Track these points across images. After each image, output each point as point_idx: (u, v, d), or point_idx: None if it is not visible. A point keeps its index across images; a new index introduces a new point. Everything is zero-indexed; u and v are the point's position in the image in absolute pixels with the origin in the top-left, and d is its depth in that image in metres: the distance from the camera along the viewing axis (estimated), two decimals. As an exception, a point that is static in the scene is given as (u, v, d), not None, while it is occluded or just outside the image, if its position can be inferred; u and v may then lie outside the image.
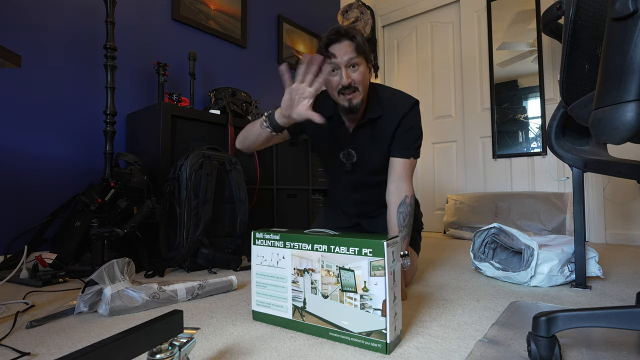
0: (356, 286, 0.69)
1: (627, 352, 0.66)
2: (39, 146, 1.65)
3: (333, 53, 1.05)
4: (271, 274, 0.82)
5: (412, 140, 1.17)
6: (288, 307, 0.79)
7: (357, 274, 0.69)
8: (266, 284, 0.82)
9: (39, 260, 1.31)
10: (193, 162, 1.56)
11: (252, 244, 0.85)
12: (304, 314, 0.76)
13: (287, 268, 0.79)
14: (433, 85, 3.16)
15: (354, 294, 0.69)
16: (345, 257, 0.71)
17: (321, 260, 0.74)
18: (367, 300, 0.68)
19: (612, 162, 0.64)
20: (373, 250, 0.67)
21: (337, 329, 0.71)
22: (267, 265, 0.82)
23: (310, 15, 3.24)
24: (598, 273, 1.18)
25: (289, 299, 0.78)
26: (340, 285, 0.71)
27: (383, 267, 0.67)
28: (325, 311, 0.73)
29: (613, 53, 0.44)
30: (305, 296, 0.76)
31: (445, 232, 2.74)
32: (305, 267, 0.76)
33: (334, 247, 0.72)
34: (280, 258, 0.80)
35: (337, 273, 0.72)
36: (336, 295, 0.72)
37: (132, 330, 0.45)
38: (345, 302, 0.70)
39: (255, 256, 0.85)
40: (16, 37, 1.61)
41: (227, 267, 1.51)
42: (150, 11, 2.09)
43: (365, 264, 0.68)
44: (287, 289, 0.79)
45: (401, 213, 1.11)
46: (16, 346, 0.73)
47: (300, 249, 0.77)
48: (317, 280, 0.74)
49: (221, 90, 2.11)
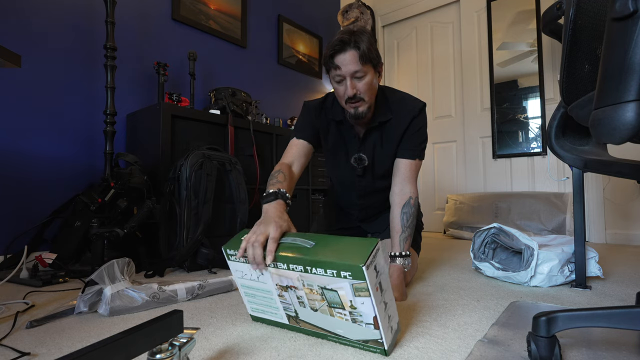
0: (343, 304, 0.66)
1: (627, 352, 0.66)
2: (39, 146, 1.65)
3: (338, 65, 1.03)
4: (256, 287, 0.78)
5: (419, 142, 1.17)
6: (282, 315, 0.78)
7: (341, 294, 0.65)
8: (254, 294, 0.80)
9: (39, 260, 1.31)
10: (193, 162, 1.56)
11: (227, 259, 0.80)
12: (299, 321, 0.75)
13: (268, 283, 0.75)
14: (433, 85, 3.16)
15: (342, 310, 0.66)
16: (325, 278, 0.65)
17: (300, 279, 0.69)
18: (357, 316, 0.65)
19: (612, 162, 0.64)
20: (352, 274, 0.62)
21: (334, 335, 0.71)
22: (248, 279, 0.79)
23: (310, 15, 3.24)
24: (598, 273, 1.18)
25: (280, 308, 0.77)
26: (327, 302, 0.68)
27: (366, 288, 0.62)
28: (318, 321, 0.72)
29: (613, 53, 0.44)
30: (295, 308, 0.74)
31: (445, 232, 2.74)
32: (287, 284, 0.72)
33: (310, 268, 0.66)
34: (259, 274, 0.76)
35: (320, 292, 0.67)
36: (325, 309, 0.69)
37: (132, 330, 0.45)
38: (335, 316, 0.68)
39: (234, 271, 0.80)
40: (16, 37, 1.61)
41: (227, 267, 1.51)
42: (150, 11, 2.09)
43: (347, 285, 0.63)
44: (276, 300, 0.76)
45: (405, 214, 1.11)
46: (16, 346, 0.73)
47: (277, 268, 0.71)
48: (302, 296, 0.71)
49: (221, 90, 2.11)
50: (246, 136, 2.16)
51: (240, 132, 2.13)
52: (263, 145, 2.28)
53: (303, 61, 3.12)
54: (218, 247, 1.55)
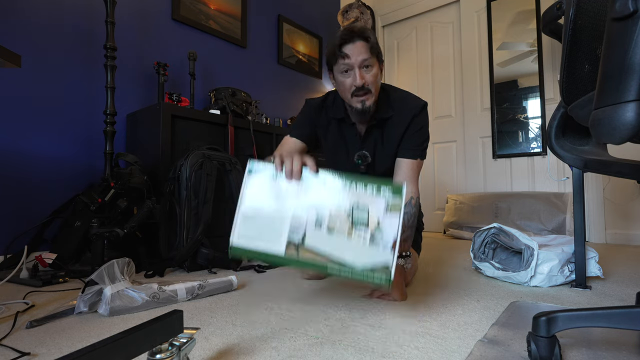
0: (369, 222, 0.70)
1: (627, 352, 0.66)
2: (39, 146, 1.65)
3: (347, 53, 1.03)
4: (266, 207, 0.77)
5: (420, 142, 1.17)
6: (282, 242, 0.74)
7: (371, 212, 0.70)
8: (257, 216, 0.77)
9: (39, 260, 1.31)
10: (193, 162, 1.56)
11: (247, 174, 0.79)
12: (300, 249, 0.73)
13: (289, 201, 0.75)
14: (433, 85, 3.16)
15: (364, 229, 0.70)
16: (361, 194, 0.72)
17: (333, 195, 0.74)
18: (377, 237, 0.69)
19: (612, 162, 0.64)
20: (392, 189, 0.71)
21: (337, 264, 0.71)
22: (262, 197, 0.77)
23: (310, 15, 3.24)
24: (598, 273, 1.18)
25: (284, 233, 0.74)
26: (351, 220, 0.71)
27: (399, 205, 0.70)
28: (327, 246, 0.72)
29: (613, 53, 0.44)
30: (306, 230, 0.73)
31: (445, 232, 2.74)
32: (312, 201, 0.75)
33: (350, 183, 0.73)
34: (282, 191, 0.77)
35: (349, 209, 0.72)
36: (344, 229, 0.71)
37: (132, 330, 0.45)
38: (353, 236, 0.71)
39: (248, 187, 0.79)
40: (16, 37, 1.61)
41: (227, 267, 1.51)
42: (150, 11, 2.09)
43: (381, 202, 0.70)
44: (285, 222, 0.75)
45: (406, 214, 1.11)
46: (16, 346, 0.73)
47: (309, 184, 0.76)
48: (324, 214, 0.73)
49: (221, 90, 2.11)
50: (246, 136, 2.16)
51: (240, 132, 2.13)
52: (263, 145, 2.28)
53: (303, 61, 3.12)
54: (218, 247, 1.55)
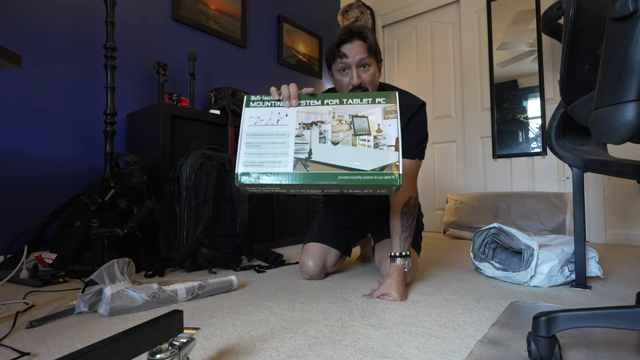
0: (370, 129, 0.76)
1: (627, 352, 0.66)
2: (39, 146, 1.65)
3: (344, 53, 1.04)
4: (268, 133, 0.81)
5: (419, 142, 1.17)
6: (288, 161, 0.78)
7: (370, 119, 0.78)
8: (260, 143, 0.81)
9: (39, 260, 1.31)
10: (193, 162, 1.56)
11: (245, 107, 0.85)
12: (308, 164, 0.77)
13: (290, 124, 0.81)
14: (433, 85, 3.16)
15: (367, 136, 0.77)
16: (359, 106, 0.79)
17: (332, 112, 0.80)
18: (380, 140, 0.75)
19: (612, 162, 0.64)
20: (386, 99, 0.79)
21: (347, 171, 0.75)
22: (263, 125, 0.82)
23: (310, 15, 3.24)
24: (598, 273, 1.18)
25: (290, 153, 0.79)
26: (353, 130, 0.78)
27: (395, 110, 0.78)
28: (334, 157, 0.77)
29: (613, 53, 0.44)
30: (311, 147, 0.78)
31: (445, 232, 2.74)
32: (313, 120, 0.80)
33: (346, 100, 0.80)
34: (282, 116, 0.82)
35: (349, 121, 0.79)
36: (348, 140, 0.78)
37: (132, 330, 0.45)
38: (358, 144, 0.76)
39: (248, 117, 0.84)
40: (16, 37, 1.61)
41: (227, 267, 1.51)
42: (150, 11, 2.09)
43: (378, 110, 0.78)
44: (289, 143, 0.80)
45: (405, 214, 1.11)
46: (16, 346, 0.73)
47: (308, 106, 0.82)
48: (326, 130, 0.79)
49: (221, 90, 2.11)
50: (246, 136, 2.16)
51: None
52: (263, 145, 2.28)
53: (303, 61, 3.12)
54: (218, 247, 1.55)
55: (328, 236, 1.33)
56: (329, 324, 0.83)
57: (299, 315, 0.89)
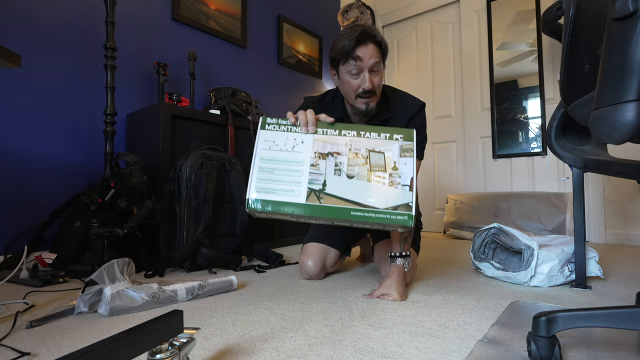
0: (386, 166, 0.76)
1: (627, 352, 0.66)
2: (39, 146, 1.65)
3: (359, 56, 1.02)
4: (282, 159, 0.80)
5: (418, 142, 1.17)
6: (302, 191, 0.77)
7: (387, 156, 0.77)
8: (274, 168, 0.79)
9: (39, 260, 1.31)
10: (193, 162, 1.56)
11: (260, 129, 0.83)
12: (322, 196, 0.76)
13: (305, 152, 0.80)
14: (433, 85, 3.16)
15: (383, 173, 0.76)
16: (376, 141, 0.79)
17: (349, 144, 0.79)
18: (395, 178, 0.75)
19: (612, 162, 0.64)
20: (404, 136, 0.79)
21: (360, 207, 0.75)
22: (277, 150, 0.81)
23: (310, 15, 3.23)
24: (598, 273, 1.18)
25: (304, 182, 0.78)
26: (369, 166, 0.77)
27: (412, 149, 0.78)
28: (348, 191, 0.76)
29: (613, 53, 0.44)
30: (325, 178, 0.78)
31: (445, 232, 2.74)
32: (329, 150, 0.79)
33: (364, 133, 0.80)
34: (298, 143, 0.81)
35: (366, 155, 0.78)
36: (364, 175, 0.77)
37: (132, 330, 0.45)
38: (373, 180, 0.76)
39: (262, 141, 0.82)
40: (16, 37, 1.61)
41: (227, 267, 1.51)
42: (150, 11, 2.09)
43: (396, 147, 0.78)
44: (304, 172, 0.79)
45: None
46: (16, 346, 0.73)
47: (325, 135, 0.81)
48: (342, 162, 0.78)
49: (221, 90, 2.11)
50: (246, 136, 2.16)
51: (240, 132, 2.13)
52: (263, 145, 2.28)
53: (303, 61, 3.12)
54: (218, 247, 1.55)
55: (327, 236, 1.33)
56: (329, 324, 0.83)
57: (299, 315, 0.89)
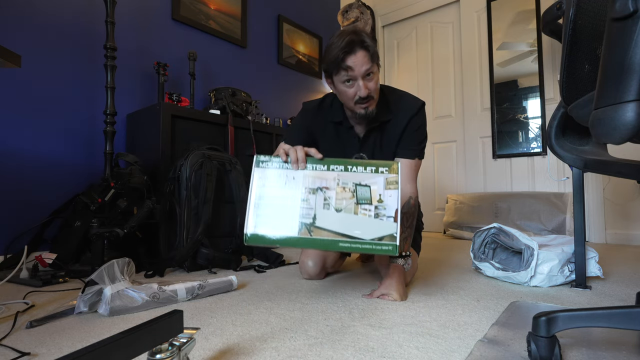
0: (371, 199, 0.82)
1: (627, 352, 0.66)
2: (39, 146, 1.65)
3: (350, 66, 1.01)
4: (276, 195, 0.85)
5: (418, 142, 1.17)
6: (294, 226, 0.83)
7: (373, 189, 0.82)
8: (268, 204, 0.85)
9: (39, 260, 1.31)
10: (193, 162, 1.56)
11: (255, 167, 0.88)
12: (312, 229, 0.82)
13: (297, 188, 0.85)
14: (433, 85, 3.16)
15: (368, 206, 0.81)
16: (362, 175, 0.83)
17: (337, 178, 0.84)
18: (380, 210, 0.79)
19: (612, 162, 0.64)
20: (389, 169, 0.83)
21: (348, 238, 0.80)
22: (271, 187, 0.86)
23: (310, 15, 3.23)
24: (598, 273, 1.18)
25: (296, 217, 0.83)
26: (356, 199, 0.82)
27: (396, 181, 0.82)
28: (337, 224, 0.81)
29: (613, 53, 0.44)
30: (315, 212, 0.82)
31: (445, 232, 2.74)
32: (318, 185, 0.83)
33: (351, 167, 0.84)
34: (290, 179, 0.85)
35: (353, 189, 0.83)
36: (350, 208, 0.82)
37: (132, 330, 0.45)
38: (359, 213, 0.80)
39: (257, 178, 0.87)
40: (16, 37, 1.61)
41: (227, 267, 1.51)
42: (150, 11, 2.09)
43: (381, 179, 0.82)
44: (295, 207, 0.83)
45: (405, 214, 1.11)
46: (16, 346, 0.73)
47: (314, 170, 0.85)
48: (331, 196, 0.83)
49: (221, 90, 2.11)
50: (246, 136, 2.16)
51: (240, 132, 2.13)
52: (263, 145, 2.28)
53: (303, 61, 3.12)
54: (218, 247, 1.55)
55: (328, 236, 1.33)
56: (329, 324, 0.83)
57: (299, 315, 0.89)
